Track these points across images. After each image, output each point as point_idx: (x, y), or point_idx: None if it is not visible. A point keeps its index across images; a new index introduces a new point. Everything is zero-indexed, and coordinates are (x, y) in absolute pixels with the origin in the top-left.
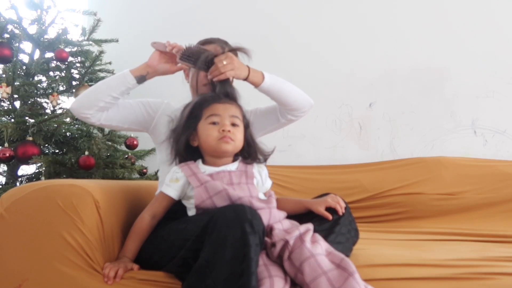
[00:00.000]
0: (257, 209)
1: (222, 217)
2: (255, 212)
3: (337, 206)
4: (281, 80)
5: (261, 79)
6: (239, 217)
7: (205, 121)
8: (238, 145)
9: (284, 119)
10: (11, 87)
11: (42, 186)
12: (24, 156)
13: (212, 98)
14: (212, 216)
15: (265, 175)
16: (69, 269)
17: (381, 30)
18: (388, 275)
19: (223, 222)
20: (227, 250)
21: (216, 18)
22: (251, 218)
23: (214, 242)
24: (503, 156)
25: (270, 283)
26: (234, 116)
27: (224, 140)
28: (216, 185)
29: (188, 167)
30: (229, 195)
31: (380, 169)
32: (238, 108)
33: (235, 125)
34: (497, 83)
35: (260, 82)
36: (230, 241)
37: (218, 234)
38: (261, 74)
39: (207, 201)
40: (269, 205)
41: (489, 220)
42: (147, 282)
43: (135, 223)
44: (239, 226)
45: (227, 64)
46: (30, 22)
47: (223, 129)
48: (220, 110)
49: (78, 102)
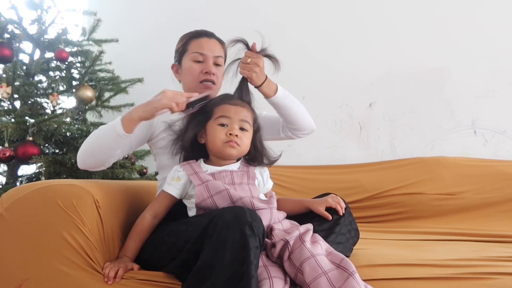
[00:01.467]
0: (258, 209)
1: (222, 219)
2: (255, 214)
3: (337, 206)
4: (292, 98)
5: (274, 92)
6: (239, 220)
7: (214, 121)
8: (243, 150)
9: (284, 134)
10: (11, 87)
11: (42, 186)
12: (24, 156)
13: (224, 99)
14: (212, 218)
15: (266, 176)
16: (69, 269)
17: (381, 30)
18: (388, 275)
19: (223, 225)
20: (227, 252)
21: (215, 18)
22: (251, 220)
23: (213, 245)
24: (503, 156)
25: (269, 284)
26: (244, 120)
27: (229, 144)
28: (217, 184)
29: (190, 166)
30: (230, 194)
31: (380, 169)
32: (249, 112)
33: (243, 130)
34: (497, 83)
35: (272, 95)
36: (230, 243)
37: (218, 236)
38: (275, 88)
39: (207, 200)
40: (270, 205)
41: (489, 220)
42: (147, 282)
43: (136, 222)
44: (239, 228)
45: (250, 63)
46: (30, 22)
47: (230, 133)
48: (231, 112)
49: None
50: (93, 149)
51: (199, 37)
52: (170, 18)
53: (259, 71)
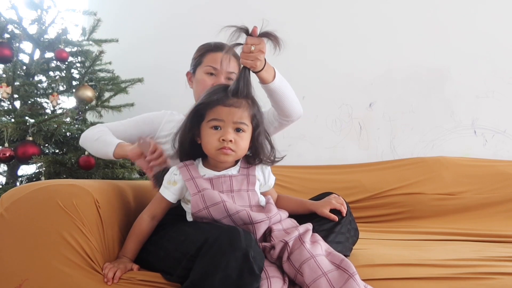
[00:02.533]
0: (256, 223)
1: (217, 244)
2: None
3: (341, 208)
4: (286, 84)
5: (272, 77)
6: (233, 245)
7: (207, 124)
8: (240, 154)
9: (277, 122)
10: (11, 87)
11: (42, 186)
12: (24, 156)
13: (218, 100)
14: (207, 239)
15: (268, 172)
16: (69, 269)
17: (381, 30)
18: (388, 275)
19: (216, 249)
20: (217, 277)
21: (214, 19)
22: (245, 246)
23: (204, 267)
24: (503, 156)
25: (268, 284)
26: (239, 122)
27: (223, 152)
28: (214, 195)
29: (187, 169)
30: (227, 208)
31: (380, 169)
32: (246, 111)
33: (239, 131)
34: (497, 83)
35: (270, 81)
36: (222, 269)
37: (211, 260)
38: (273, 72)
39: (203, 211)
40: (269, 214)
41: (489, 220)
42: (147, 283)
43: (134, 223)
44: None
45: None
46: (30, 22)
47: (223, 138)
48: (224, 114)
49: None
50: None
51: (215, 51)
52: (170, 18)
53: (263, 58)
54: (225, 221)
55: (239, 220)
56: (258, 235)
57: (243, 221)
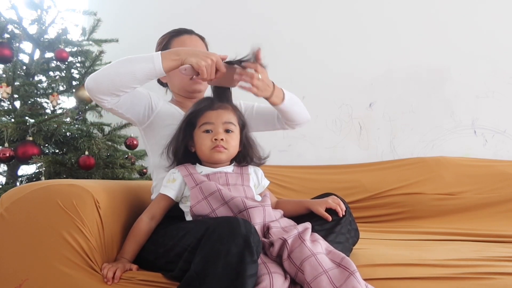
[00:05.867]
0: (250, 208)
1: (217, 232)
2: (249, 226)
3: (337, 207)
4: (295, 100)
5: (281, 100)
6: (233, 233)
7: (199, 129)
8: (232, 152)
9: (280, 126)
10: (11, 87)
11: (42, 186)
12: (24, 156)
13: (205, 107)
14: (207, 228)
15: (261, 175)
16: (69, 269)
17: (381, 30)
18: (388, 274)
19: (217, 237)
20: (219, 265)
21: (213, 19)
22: (245, 232)
23: (206, 256)
24: (503, 156)
25: (269, 279)
26: (227, 122)
27: (216, 150)
28: (210, 185)
29: (185, 168)
30: (222, 195)
31: (380, 169)
32: (232, 112)
33: (229, 131)
34: (497, 83)
35: (279, 103)
36: (223, 256)
37: (212, 248)
38: (282, 95)
39: (202, 202)
40: (263, 203)
41: (489, 220)
42: (147, 283)
43: (133, 225)
44: (233, 242)
45: (259, 81)
46: (30, 22)
47: (215, 138)
48: (213, 117)
49: (97, 85)
50: (117, 70)
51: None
52: (170, 18)
53: (267, 82)
54: (222, 209)
55: (234, 207)
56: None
57: (238, 208)
